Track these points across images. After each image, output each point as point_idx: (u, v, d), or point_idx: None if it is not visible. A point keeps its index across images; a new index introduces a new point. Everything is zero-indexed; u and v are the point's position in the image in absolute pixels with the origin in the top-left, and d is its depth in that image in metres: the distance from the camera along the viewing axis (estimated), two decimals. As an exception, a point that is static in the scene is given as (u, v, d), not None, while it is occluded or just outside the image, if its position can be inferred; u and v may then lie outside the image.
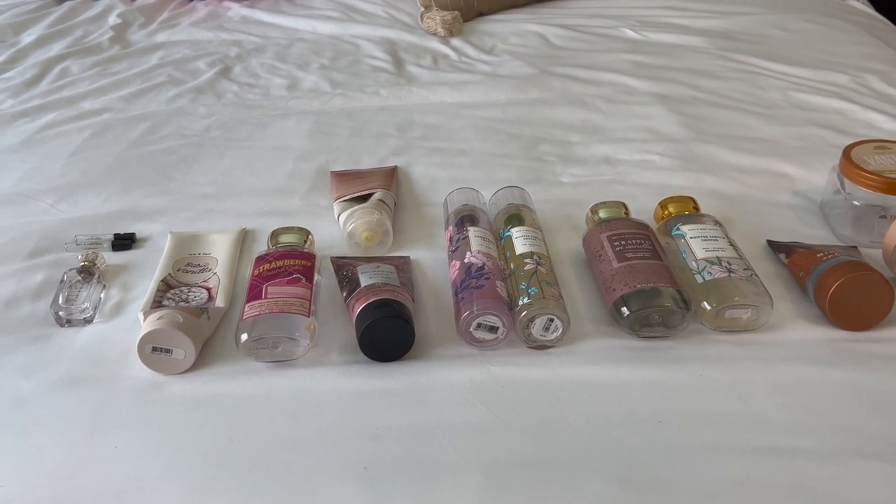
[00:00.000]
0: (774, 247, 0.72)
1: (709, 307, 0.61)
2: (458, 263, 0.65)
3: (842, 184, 0.76)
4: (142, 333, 0.58)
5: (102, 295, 0.68)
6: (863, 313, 0.62)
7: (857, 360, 0.58)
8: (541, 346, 0.61)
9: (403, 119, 0.98)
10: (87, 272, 0.69)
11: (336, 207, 0.78)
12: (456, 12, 1.22)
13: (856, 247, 0.72)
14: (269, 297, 0.62)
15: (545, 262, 0.65)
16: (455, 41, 1.21)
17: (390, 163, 0.88)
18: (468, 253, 0.65)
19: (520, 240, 0.67)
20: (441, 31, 1.21)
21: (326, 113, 1.00)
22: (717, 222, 0.70)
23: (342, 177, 0.84)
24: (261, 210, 0.80)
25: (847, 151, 0.74)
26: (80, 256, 0.70)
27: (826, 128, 0.92)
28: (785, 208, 0.78)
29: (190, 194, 0.82)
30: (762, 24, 1.23)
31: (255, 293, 0.62)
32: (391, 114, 1.00)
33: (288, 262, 0.66)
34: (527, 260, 0.65)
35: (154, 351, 0.59)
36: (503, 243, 0.69)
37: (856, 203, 0.72)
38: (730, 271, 0.63)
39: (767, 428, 0.52)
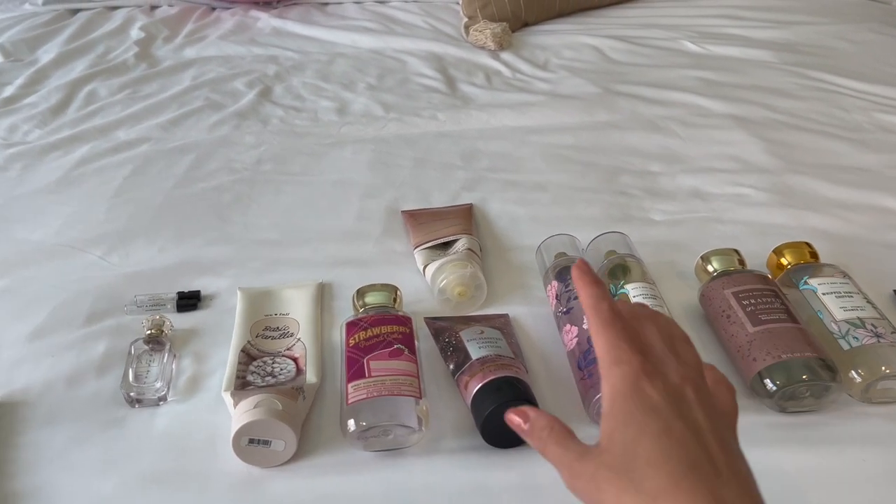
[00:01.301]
0: (901, 296, 0.66)
1: (858, 379, 0.56)
2: (574, 329, 0.59)
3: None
4: (238, 425, 0.51)
5: (174, 367, 0.61)
6: None
7: None
8: (676, 425, 0.55)
9: (467, 147, 0.91)
10: (157, 342, 0.62)
11: (418, 257, 0.71)
12: (504, 24, 1.15)
13: None
14: (373, 374, 0.55)
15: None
16: (505, 55, 1.14)
17: (462, 199, 0.81)
18: (586, 318, 0.59)
19: (639, 299, 0.61)
20: (491, 44, 1.13)
21: (383, 140, 0.93)
22: (845, 274, 0.65)
23: (416, 218, 0.77)
24: (333, 259, 0.73)
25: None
26: (144, 322, 0.63)
27: (921, 154, 0.86)
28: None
29: (252, 240, 0.75)
30: (825, 34, 1.17)
31: (356, 370, 0.56)
32: (452, 141, 0.93)
33: (385, 330, 0.59)
34: (652, 325, 0.58)
35: (251, 443, 0.52)
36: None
37: None
38: (877, 336, 0.57)
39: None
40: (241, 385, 0.57)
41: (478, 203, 0.81)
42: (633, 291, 0.62)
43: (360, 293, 0.64)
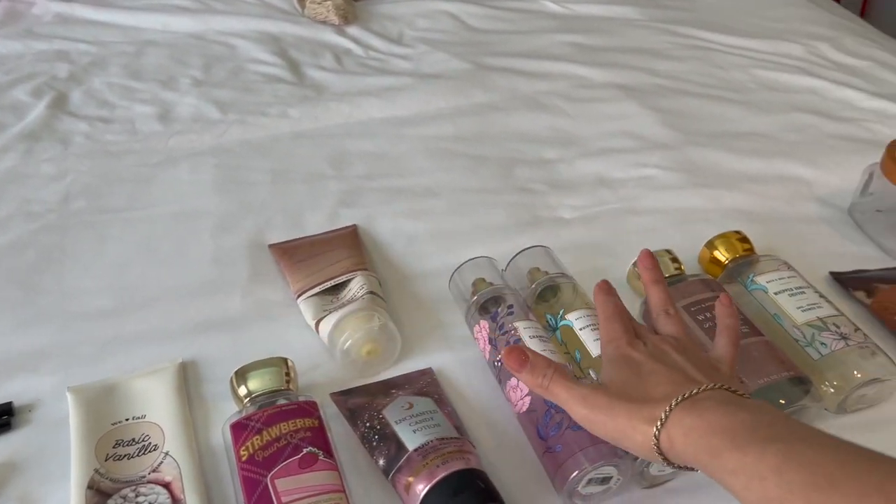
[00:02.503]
0: (842, 281, 0.62)
1: (832, 391, 0.50)
2: (524, 386, 0.48)
3: (867, 187, 0.67)
4: None
5: (-11, 526, 0.43)
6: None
7: None
8: (658, 484, 0.47)
9: (333, 149, 0.76)
10: (-44, 497, 0.43)
11: (304, 309, 0.56)
12: (345, -7, 0.99)
13: (919, 266, 0.63)
14: (283, 500, 0.41)
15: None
16: (352, 30, 0.98)
17: (343, 219, 0.67)
18: (534, 369, 0.48)
19: (587, 332, 0.51)
20: (334, 17, 0.97)
21: (226, 150, 0.75)
22: (788, 265, 0.59)
23: (291, 254, 0.62)
24: (192, 323, 0.56)
25: (891, 153, 0.65)
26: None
27: (809, 112, 0.83)
28: (818, 223, 0.69)
29: (76, 314, 0.56)
30: (681, -16, 1.12)
31: (259, 496, 0.41)
32: (314, 143, 0.77)
33: (286, 428, 0.45)
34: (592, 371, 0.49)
35: None
36: (559, 335, 0.52)
37: (914, 216, 0.63)
38: (843, 338, 0.52)
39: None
40: (97, 544, 0.41)
41: (362, 222, 0.67)
42: (578, 323, 0.52)
43: (241, 376, 0.49)
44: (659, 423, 0.37)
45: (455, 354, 0.55)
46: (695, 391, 0.38)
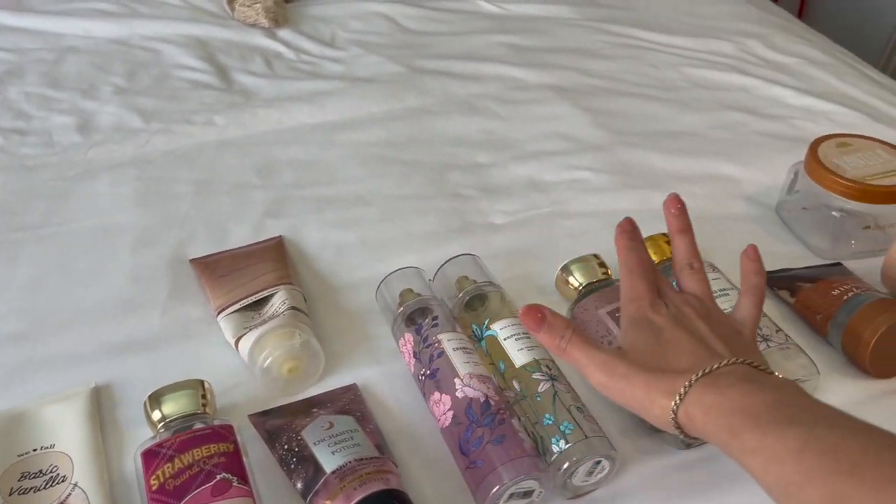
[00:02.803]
0: (768, 281, 0.62)
1: (757, 392, 0.50)
2: (446, 399, 0.47)
3: (794, 185, 0.68)
4: None
5: None
6: (898, 357, 0.54)
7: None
8: (582, 494, 0.46)
9: (261, 158, 0.74)
10: None
11: (225, 326, 0.55)
12: (276, -5, 0.97)
13: (840, 263, 0.64)
14: (193, 532, 0.40)
15: (557, 373, 0.49)
16: (283, 33, 0.96)
17: (269, 230, 0.65)
18: (457, 381, 0.47)
19: (511, 341, 0.51)
20: (264, 20, 0.95)
21: (148, 161, 0.73)
22: (713, 267, 0.59)
23: (212, 268, 0.60)
24: (107, 345, 0.54)
25: (814, 152, 0.66)
26: None
27: (739, 110, 0.84)
28: (746, 221, 0.69)
29: (-18, 338, 0.54)
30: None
31: (168, 529, 0.40)
32: (241, 151, 0.75)
33: (200, 454, 0.43)
34: (535, 375, 0.48)
35: None
36: (485, 346, 0.52)
37: (835, 214, 0.64)
38: (765, 339, 0.52)
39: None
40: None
41: (289, 233, 0.65)
42: (503, 332, 0.51)
43: (154, 400, 0.47)
44: (678, 397, 0.37)
45: (381, 368, 0.54)
46: (715, 366, 0.37)
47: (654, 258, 0.60)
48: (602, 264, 0.59)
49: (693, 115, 0.83)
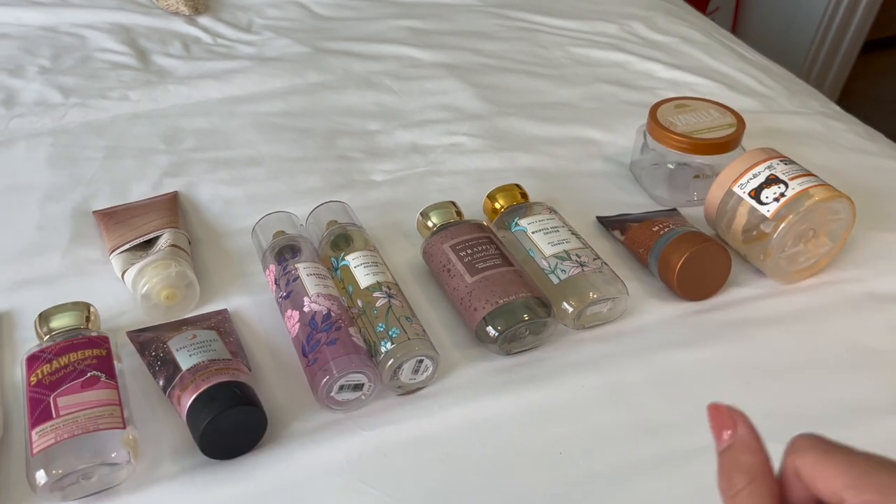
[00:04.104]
0: (605, 223, 0.71)
1: (570, 309, 0.58)
2: (296, 314, 0.55)
3: (646, 145, 0.77)
4: None
5: None
6: (706, 283, 0.62)
7: (714, 332, 0.59)
8: (412, 391, 0.54)
9: (168, 127, 0.82)
10: None
11: (115, 263, 0.62)
12: (198, -15, 1.05)
13: (676, 209, 0.73)
14: (62, 413, 0.47)
15: (396, 292, 0.57)
16: (203, 20, 1.04)
17: (167, 188, 0.73)
18: (306, 299, 0.55)
19: (360, 269, 0.59)
20: (185, 8, 1.03)
21: (64, 131, 0.80)
22: (551, 210, 0.67)
23: (111, 217, 0.68)
24: (11, 282, 0.62)
25: (653, 113, 0.74)
26: None
27: (612, 83, 0.93)
28: (600, 177, 0.78)
29: None
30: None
31: (41, 412, 0.47)
32: (151, 122, 0.83)
33: (75, 357, 0.51)
34: (376, 294, 0.56)
35: None
36: (339, 275, 0.60)
37: (670, 166, 0.73)
38: (581, 265, 0.60)
39: (658, 432, 0.51)
40: None
41: (184, 189, 0.73)
42: (354, 262, 0.59)
43: (44, 318, 0.55)
44: None
45: (252, 298, 0.61)
46: None
47: (502, 203, 0.68)
48: (458, 211, 0.67)
49: (570, 88, 0.92)
